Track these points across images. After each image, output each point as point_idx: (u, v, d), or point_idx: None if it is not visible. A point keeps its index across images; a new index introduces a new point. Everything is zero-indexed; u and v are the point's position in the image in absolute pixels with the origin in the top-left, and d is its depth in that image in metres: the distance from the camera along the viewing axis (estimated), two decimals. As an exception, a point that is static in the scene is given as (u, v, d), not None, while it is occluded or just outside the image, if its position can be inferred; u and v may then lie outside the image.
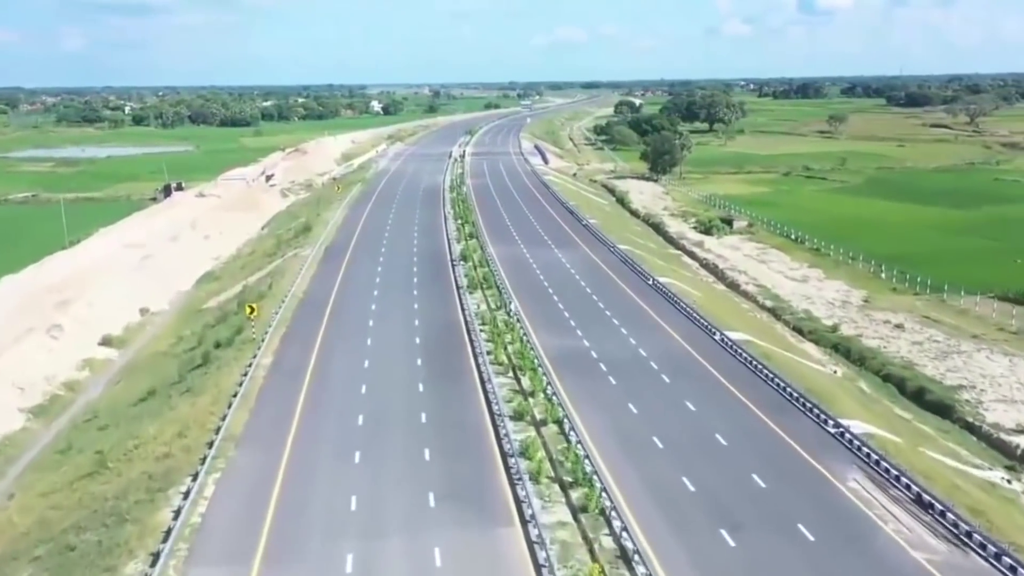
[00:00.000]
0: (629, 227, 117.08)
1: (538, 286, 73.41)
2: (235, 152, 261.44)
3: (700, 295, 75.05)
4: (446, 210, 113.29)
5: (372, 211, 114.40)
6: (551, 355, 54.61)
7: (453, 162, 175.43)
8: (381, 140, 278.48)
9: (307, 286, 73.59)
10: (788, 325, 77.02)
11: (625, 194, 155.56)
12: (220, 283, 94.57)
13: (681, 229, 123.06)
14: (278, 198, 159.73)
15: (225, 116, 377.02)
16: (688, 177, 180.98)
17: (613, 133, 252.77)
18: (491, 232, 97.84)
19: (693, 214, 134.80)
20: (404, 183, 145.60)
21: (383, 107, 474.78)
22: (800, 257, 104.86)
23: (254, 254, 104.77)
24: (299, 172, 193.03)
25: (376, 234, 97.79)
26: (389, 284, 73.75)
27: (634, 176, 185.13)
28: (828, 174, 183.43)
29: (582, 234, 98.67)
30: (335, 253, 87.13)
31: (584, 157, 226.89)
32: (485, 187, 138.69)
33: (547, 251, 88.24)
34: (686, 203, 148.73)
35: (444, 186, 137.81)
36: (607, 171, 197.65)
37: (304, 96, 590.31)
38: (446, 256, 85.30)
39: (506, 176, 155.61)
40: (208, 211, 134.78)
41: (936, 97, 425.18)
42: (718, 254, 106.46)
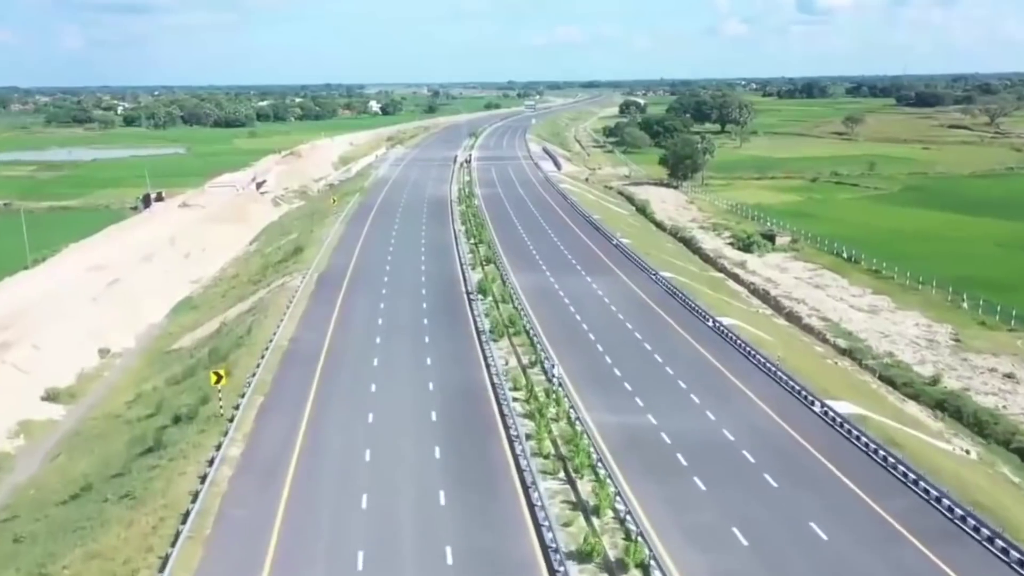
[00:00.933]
0: (661, 245, 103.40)
1: (576, 330, 59.77)
2: (228, 155, 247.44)
3: (772, 339, 61.47)
4: (456, 226, 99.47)
5: (372, 228, 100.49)
6: (611, 440, 41.14)
7: (459, 168, 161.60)
8: (380, 142, 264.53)
9: (294, 330, 59.84)
10: (872, 372, 63.46)
11: (646, 203, 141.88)
12: (197, 314, 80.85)
13: (716, 245, 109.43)
14: (270, 208, 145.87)
15: (219, 117, 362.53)
16: (710, 183, 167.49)
17: (623, 135, 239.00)
18: (510, 254, 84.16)
19: (725, 227, 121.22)
20: (407, 193, 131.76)
21: (382, 107, 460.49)
22: (859, 280, 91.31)
23: (238, 278, 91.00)
24: (293, 178, 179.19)
25: (377, 258, 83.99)
26: (394, 329, 60.02)
27: (652, 182, 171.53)
28: (858, 180, 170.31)
29: (613, 256, 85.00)
30: (329, 283, 73.33)
31: (594, 160, 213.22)
32: (497, 198, 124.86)
33: (578, 280, 74.56)
34: (714, 213, 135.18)
35: (451, 196, 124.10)
36: (621, 176, 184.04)
37: (301, 96, 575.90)
38: (460, 287, 71.62)
39: (518, 185, 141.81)
40: (191, 224, 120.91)
41: (947, 97, 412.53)
42: (766, 277, 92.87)
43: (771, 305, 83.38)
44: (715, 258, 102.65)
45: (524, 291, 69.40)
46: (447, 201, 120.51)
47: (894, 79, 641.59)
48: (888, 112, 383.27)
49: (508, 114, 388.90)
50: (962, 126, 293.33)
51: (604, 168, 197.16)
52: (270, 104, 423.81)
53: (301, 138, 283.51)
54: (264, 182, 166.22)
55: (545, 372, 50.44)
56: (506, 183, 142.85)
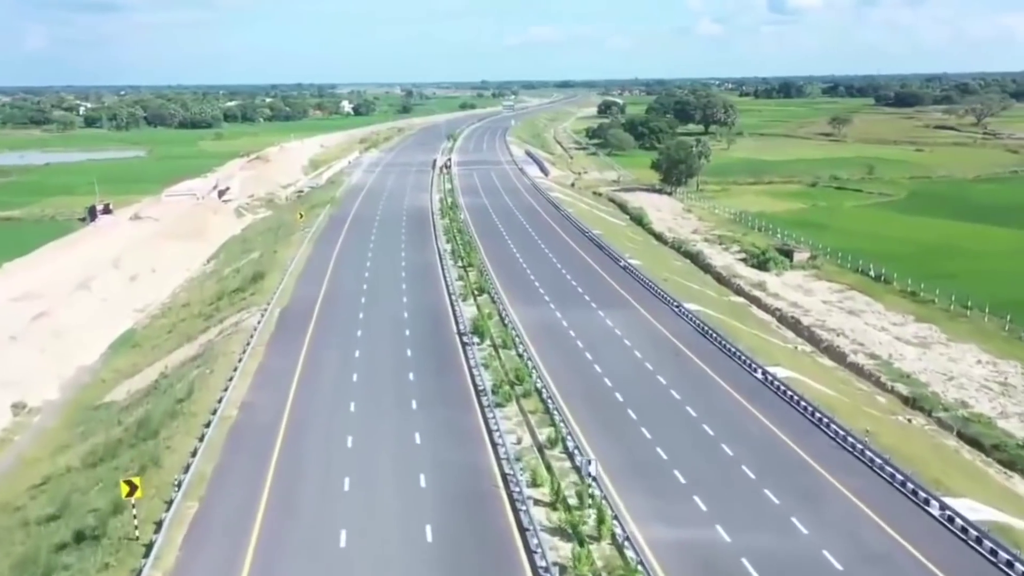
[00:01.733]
0: (669, 264, 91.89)
1: (598, 389, 47.91)
2: (191, 158, 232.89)
3: (834, 394, 50.04)
4: (440, 244, 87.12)
5: (345, 248, 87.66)
6: (677, 573, 29.46)
7: (439, 174, 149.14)
8: (353, 145, 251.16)
9: (246, 392, 47.37)
10: (950, 430, 52.37)
11: (641, 212, 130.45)
12: (137, 355, 67.98)
13: (727, 262, 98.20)
14: (232, 219, 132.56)
15: (184, 117, 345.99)
16: (705, 189, 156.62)
17: (607, 137, 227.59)
18: (506, 281, 72.08)
19: (732, 239, 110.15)
20: (383, 203, 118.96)
21: (354, 107, 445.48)
22: (895, 304, 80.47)
23: (189, 308, 78.01)
24: (260, 184, 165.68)
25: (350, 287, 71.34)
26: (372, 389, 47.77)
27: (643, 187, 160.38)
28: (860, 184, 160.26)
29: (625, 282, 73.20)
30: (293, 323, 60.75)
31: (578, 164, 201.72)
32: (483, 209, 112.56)
33: (589, 315, 62.67)
34: (716, 223, 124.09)
35: (433, 207, 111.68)
36: (609, 181, 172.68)
37: (271, 96, 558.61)
38: (450, 326, 59.50)
39: (504, 193, 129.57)
40: (141, 240, 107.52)
41: (926, 97, 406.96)
42: (791, 301, 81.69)
43: (805, 337, 72.11)
44: (729, 278, 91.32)
45: (527, 331, 57.51)
46: (428, 213, 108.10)
47: (869, 79, 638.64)
48: (869, 112, 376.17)
49: (485, 115, 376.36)
50: (948, 126, 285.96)
51: (590, 172, 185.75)
52: (238, 104, 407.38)
53: (270, 140, 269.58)
54: (227, 190, 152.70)
55: (570, 457, 38.69)
56: (491, 191, 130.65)
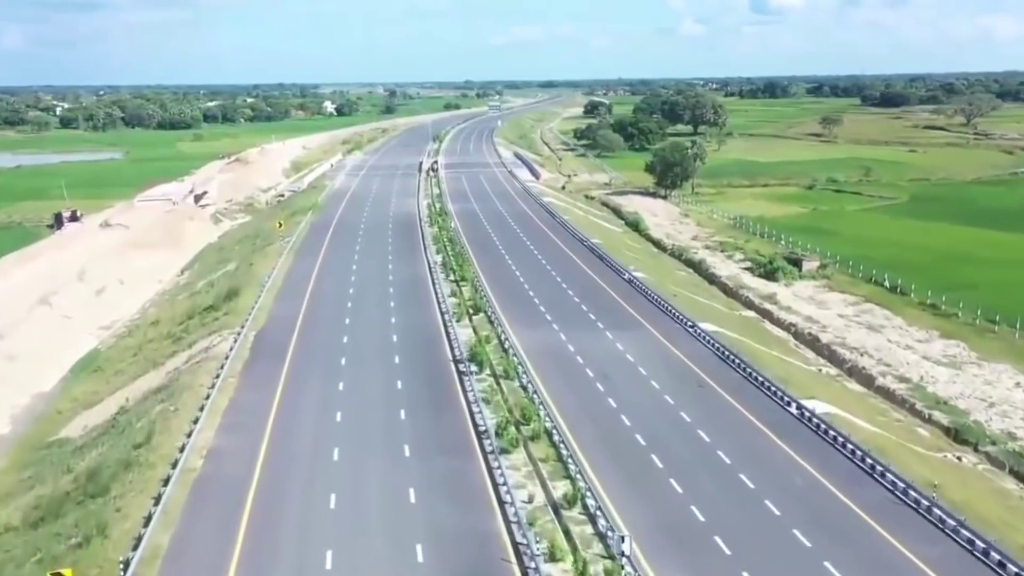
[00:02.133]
0: (673, 274, 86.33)
1: (616, 429, 42.14)
2: (169, 160, 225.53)
3: (875, 430, 44.49)
4: (430, 256, 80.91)
5: (327, 259, 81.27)
6: None
7: (425, 177, 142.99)
8: (336, 146, 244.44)
9: (213, 437, 41.21)
10: (1001, 466, 46.99)
11: (637, 217, 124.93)
12: (98, 381, 61.56)
13: (732, 272, 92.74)
14: (208, 225, 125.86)
15: (163, 118, 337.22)
16: (700, 192, 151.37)
17: (596, 138, 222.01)
18: (503, 298, 66.11)
19: (734, 246, 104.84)
20: (368, 210, 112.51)
21: (337, 108, 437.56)
22: (915, 318, 75.24)
23: (158, 326, 71.53)
24: (239, 188, 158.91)
25: (333, 306, 65.09)
26: (358, 431, 41.76)
27: (636, 191, 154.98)
28: (858, 187, 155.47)
29: (632, 298, 67.37)
30: (268, 349, 54.52)
31: (567, 166, 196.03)
32: (473, 215, 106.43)
33: (598, 338, 56.82)
34: (716, 229, 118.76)
35: (420, 214, 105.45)
36: (600, 184, 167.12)
37: (253, 96, 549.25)
38: (444, 352, 53.53)
39: (495, 198, 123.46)
40: (110, 250, 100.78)
41: (912, 97, 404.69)
42: (806, 315, 76.24)
43: (826, 356, 66.63)
44: (736, 290, 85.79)
45: (531, 357, 51.65)
46: (416, 220, 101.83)
47: (853, 79, 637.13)
48: (856, 112, 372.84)
49: (470, 115, 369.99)
50: (937, 127, 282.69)
51: (580, 174, 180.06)
52: (218, 105, 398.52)
53: (250, 141, 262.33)
54: (204, 194, 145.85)
55: (591, 519, 32.91)
56: (481, 196, 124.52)
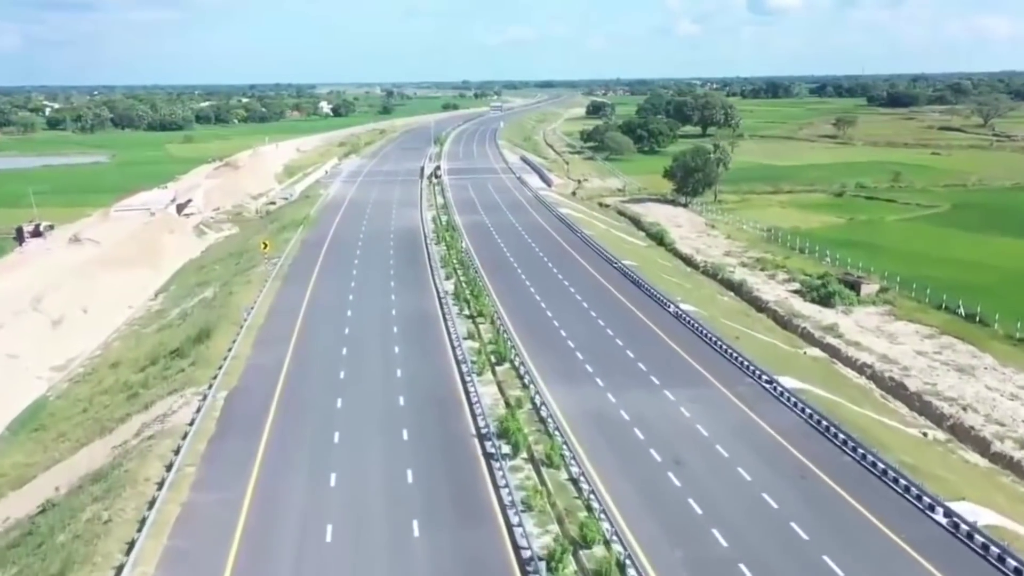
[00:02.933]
0: (715, 301, 74.51)
1: (715, 556, 30.27)
2: (156, 164, 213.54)
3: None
4: (439, 283, 68.74)
5: (318, 289, 68.85)
6: None
7: (428, 185, 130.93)
8: (332, 148, 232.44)
9: (152, 573, 29.26)
10: None
11: (659, 229, 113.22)
12: (37, 446, 49.55)
13: (781, 296, 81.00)
14: (191, 239, 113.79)
15: (153, 119, 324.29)
16: (723, 200, 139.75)
17: (604, 140, 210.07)
18: (530, 340, 54.17)
19: (775, 264, 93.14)
20: (366, 224, 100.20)
21: (333, 108, 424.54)
22: (1008, 356, 63.45)
23: (118, 370, 59.53)
24: (227, 195, 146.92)
25: (325, 354, 52.81)
26: (357, 564, 29.83)
27: (653, 198, 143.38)
28: (891, 194, 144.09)
29: (687, 340, 55.31)
30: (241, 422, 42.38)
31: (576, 170, 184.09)
32: (484, 230, 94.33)
33: (657, 400, 44.92)
34: (748, 242, 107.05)
35: (425, 228, 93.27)
36: (613, 190, 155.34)
37: (248, 96, 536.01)
38: (466, 422, 41.66)
39: (506, 209, 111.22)
40: (75, 270, 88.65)
41: (921, 97, 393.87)
42: (880, 353, 64.45)
43: (916, 408, 55.04)
44: (788, 318, 73.94)
45: (576, 430, 39.89)
46: (420, 236, 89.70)
47: (854, 79, 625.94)
48: (865, 113, 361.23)
49: (469, 115, 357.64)
50: (952, 128, 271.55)
51: (591, 179, 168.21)
52: (211, 105, 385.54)
53: (243, 143, 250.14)
54: (188, 202, 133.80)
55: None
56: (490, 206, 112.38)
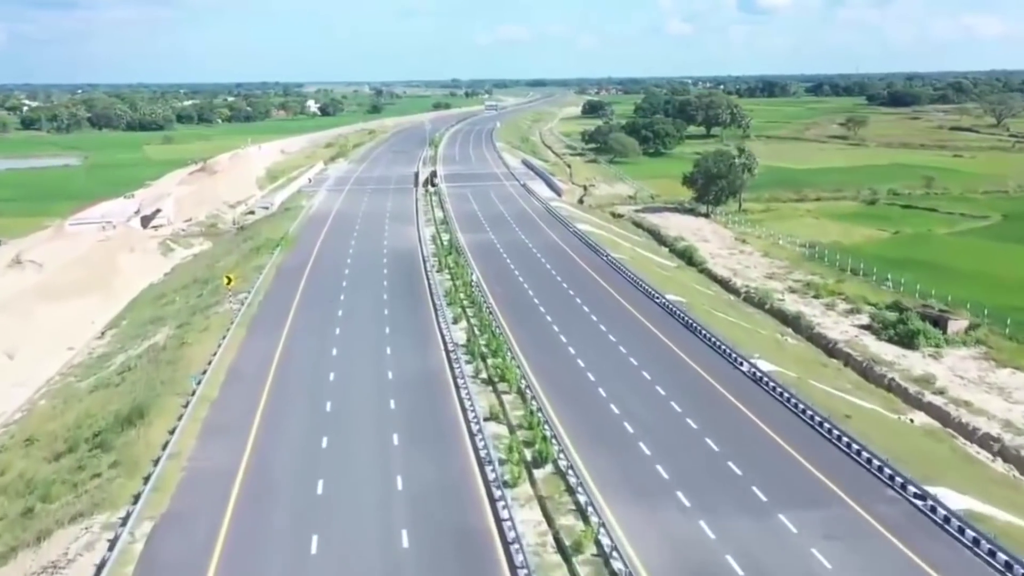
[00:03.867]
0: (782, 348, 60.46)
1: None
2: (132, 167, 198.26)
3: None
4: (446, 329, 54.03)
5: (294, 340, 53.43)
6: None
7: (424, 194, 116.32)
8: (318, 150, 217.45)
9: None
10: None
11: (686, 246, 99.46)
12: None
13: (846, 332, 67.24)
14: (154, 257, 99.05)
15: (133, 119, 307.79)
16: (746, 208, 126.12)
17: (608, 141, 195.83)
18: (577, 424, 39.89)
19: (828, 290, 79.39)
20: (355, 245, 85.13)
21: (320, 107, 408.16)
22: None
23: (30, 451, 44.86)
24: (201, 203, 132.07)
25: (298, 448, 38.35)
26: None
27: (669, 207, 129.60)
28: (928, 202, 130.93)
29: (783, 423, 41.07)
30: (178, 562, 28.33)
31: (580, 174, 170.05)
32: (493, 254, 79.73)
33: (771, 533, 30.82)
34: (789, 261, 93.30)
35: (424, 251, 78.57)
36: (624, 197, 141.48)
37: (234, 95, 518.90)
38: None
39: (515, 224, 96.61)
40: (7, 302, 73.80)
41: (923, 96, 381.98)
42: (1001, 417, 50.69)
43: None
44: (867, 364, 60.13)
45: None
46: (419, 262, 75.03)
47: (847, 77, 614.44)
48: (867, 112, 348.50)
49: (462, 115, 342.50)
50: (963, 128, 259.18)
51: (597, 185, 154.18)
52: (194, 104, 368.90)
53: (226, 144, 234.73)
54: (157, 213, 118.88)
55: None
56: (497, 221, 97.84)
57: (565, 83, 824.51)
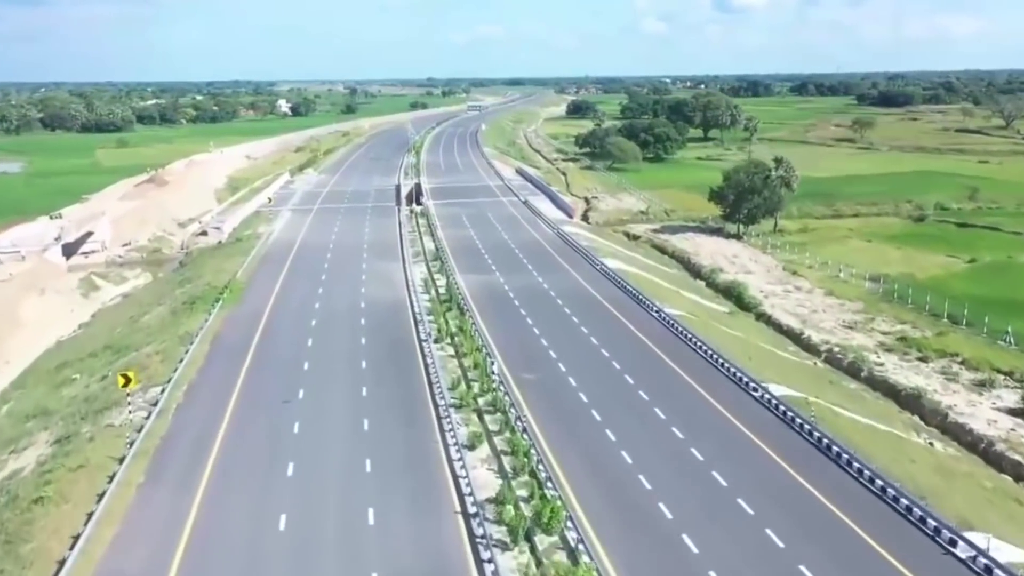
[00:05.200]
0: (942, 463, 41.39)
1: None
2: (78, 174, 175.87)
3: None
4: (459, 466, 34.17)
5: (216, 497, 32.25)
6: None
7: (410, 216, 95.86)
8: (287, 156, 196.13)
9: None
10: None
11: (722, 277, 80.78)
12: None
13: (993, 418, 48.98)
14: (72, 298, 77.95)
15: (88, 120, 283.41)
16: (783, 229, 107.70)
17: (606, 146, 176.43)
18: None
19: (935, 348, 61.08)
20: (322, 297, 63.54)
21: (292, 107, 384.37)
22: None
23: None
24: (145, 222, 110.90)
25: None
26: None
27: (691, 226, 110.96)
28: (988, 219, 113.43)
29: None
30: None
31: (577, 182, 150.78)
32: (507, 308, 59.27)
33: None
34: (861, 301, 74.83)
35: (415, 304, 58.37)
36: (634, 212, 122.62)
37: (204, 94, 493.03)
38: None
39: (526, 259, 76.14)
40: None
41: (917, 96, 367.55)
42: None
43: None
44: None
45: None
46: (409, 327, 54.36)
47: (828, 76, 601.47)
48: (861, 113, 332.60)
49: (442, 115, 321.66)
50: (971, 130, 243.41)
51: (601, 197, 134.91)
52: (156, 104, 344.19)
53: (186, 148, 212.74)
54: (87, 237, 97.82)
55: None
56: (502, 254, 77.58)
57: (543, 82, 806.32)
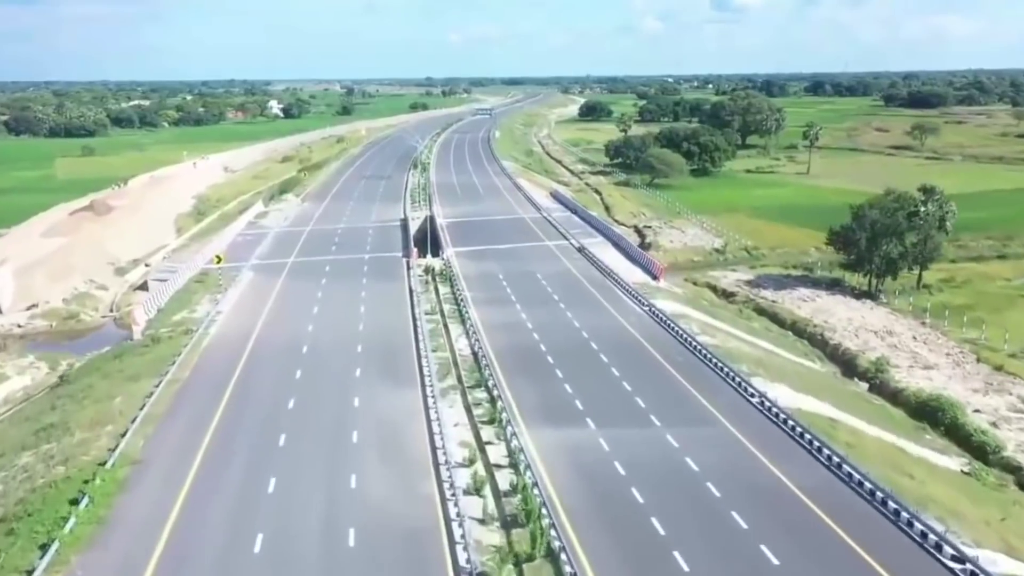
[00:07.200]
0: None
1: None
2: (23, 191, 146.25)
3: None
4: None
5: None
6: None
7: (426, 283, 64.77)
8: (272, 168, 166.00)
9: None
10: None
11: (913, 387, 51.09)
12: None
13: None
14: None
15: (57, 123, 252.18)
16: (927, 284, 78.10)
17: (646, 157, 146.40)
18: None
19: None
20: (273, 502, 30.83)
21: (284, 108, 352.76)
22: None
23: None
24: (69, 270, 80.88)
25: None
26: None
27: (797, 276, 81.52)
28: None
29: None
30: None
31: (618, 205, 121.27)
32: (630, 515, 28.77)
33: None
34: None
35: (455, 542, 28.02)
36: (708, 251, 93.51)
37: (195, 94, 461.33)
38: None
39: (619, 371, 43.58)
40: None
41: (949, 97, 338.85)
42: None
43: None
44: None
45: None
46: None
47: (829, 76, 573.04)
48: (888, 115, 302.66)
49: (445, 118, 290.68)
50: None
51: (658, 228, 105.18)
52: (135, 106, 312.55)
53: (161, 156, 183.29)
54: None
55: None
56: (582, 363, 45.87)
57: (544, 82, 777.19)
